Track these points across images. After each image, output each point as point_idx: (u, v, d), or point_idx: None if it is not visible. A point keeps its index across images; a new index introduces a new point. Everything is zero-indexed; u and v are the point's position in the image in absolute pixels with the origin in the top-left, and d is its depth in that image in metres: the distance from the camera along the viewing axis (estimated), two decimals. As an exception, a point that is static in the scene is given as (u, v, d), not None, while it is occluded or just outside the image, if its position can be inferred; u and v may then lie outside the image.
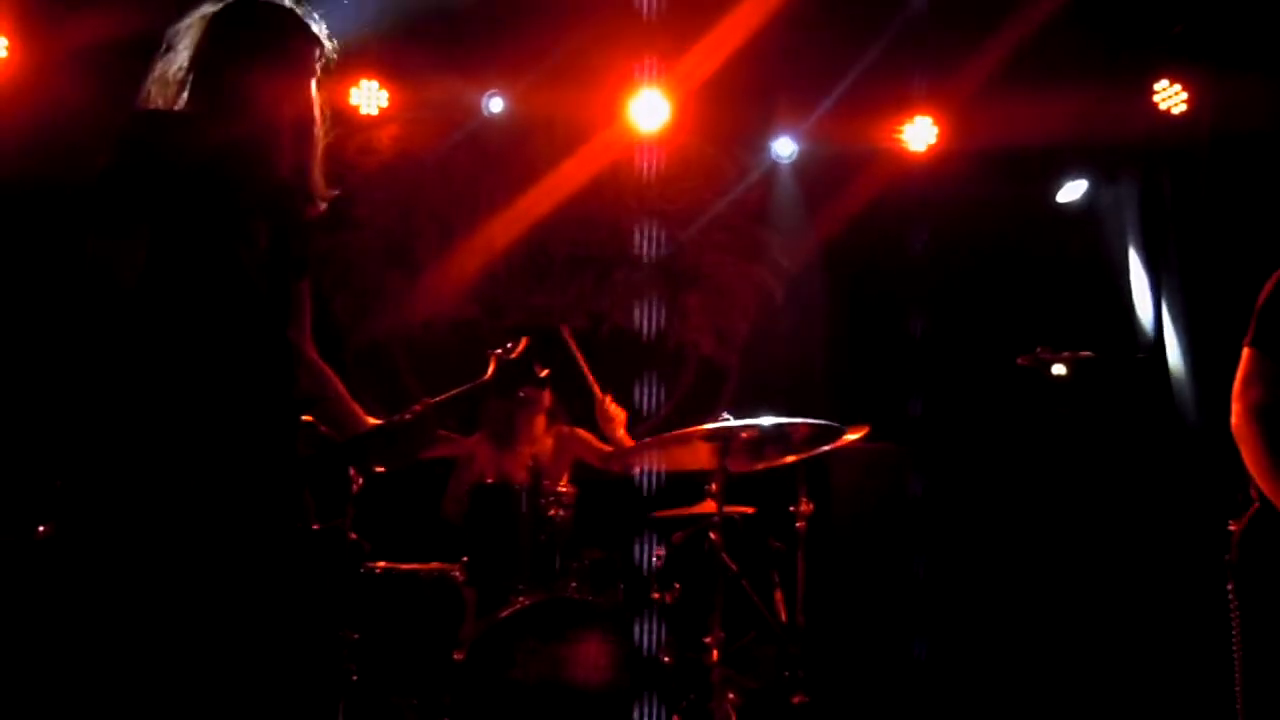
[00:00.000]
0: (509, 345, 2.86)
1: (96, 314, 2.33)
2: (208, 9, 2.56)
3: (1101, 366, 5.39)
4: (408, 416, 2.70)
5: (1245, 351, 3.20)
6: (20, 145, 5.27)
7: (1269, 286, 3.22)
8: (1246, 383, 3.16)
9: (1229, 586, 3.13)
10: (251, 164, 2.51)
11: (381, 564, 4.63)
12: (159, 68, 2.56)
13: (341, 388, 2.80)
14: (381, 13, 5.35)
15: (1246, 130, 5.46)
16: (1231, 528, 3.17)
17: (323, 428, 2.82)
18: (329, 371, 2.79)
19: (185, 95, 2.52)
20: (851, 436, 4.66)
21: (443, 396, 2.79)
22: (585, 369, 5.07)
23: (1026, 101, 6.00)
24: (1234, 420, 3.16)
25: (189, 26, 2.55)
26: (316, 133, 2.61)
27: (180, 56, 2.53)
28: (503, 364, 2.83)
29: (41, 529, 4.43)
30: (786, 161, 6.42)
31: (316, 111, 2.61)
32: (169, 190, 2.37)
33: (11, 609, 4.19)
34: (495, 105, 6.08)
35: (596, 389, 5.08)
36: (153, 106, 2.53)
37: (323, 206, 2.67)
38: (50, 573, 4.19)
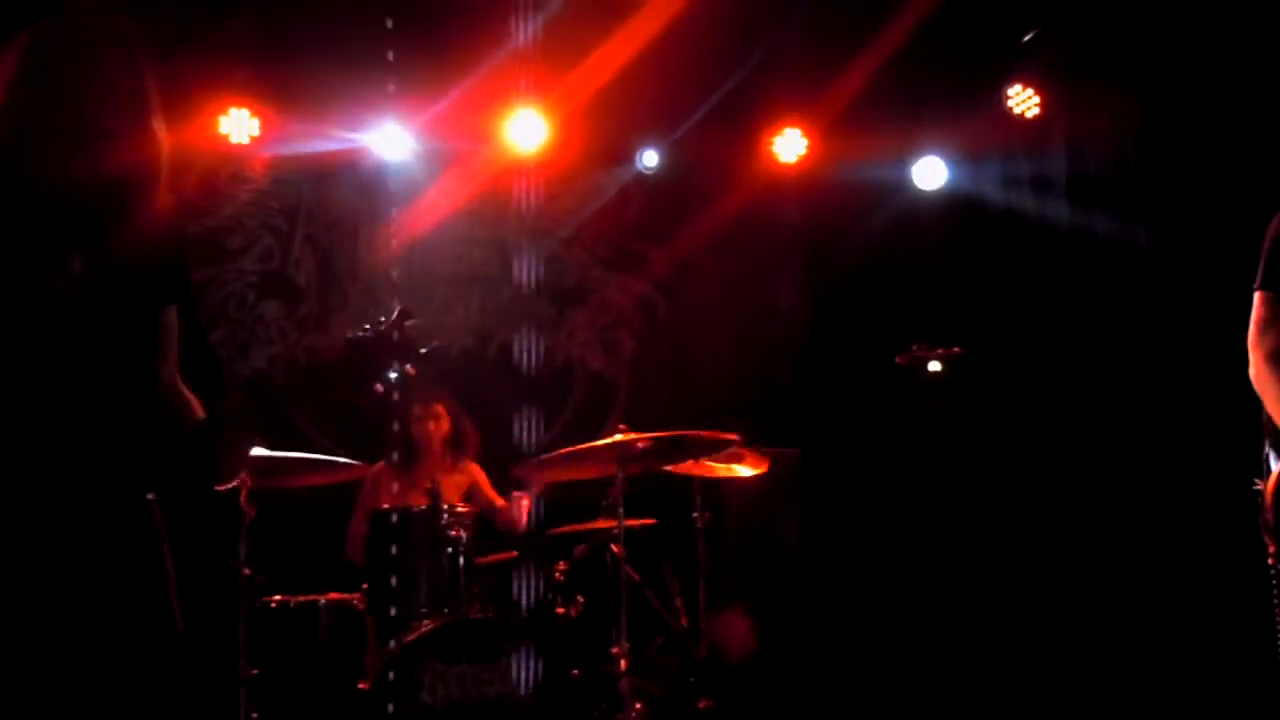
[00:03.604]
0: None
1: None
2: (33, 27, 2.37)
3: (974, 361, 5.64)
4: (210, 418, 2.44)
5: (1257, 296, 2.97)
6: None
7: (1275, 226, 2.98)
8: (1262, 328, 2.93)
9: (1270, 549, 2.89)
10: (68, 187, 2.34)
11: (278, 597, 4.55)
12: None
13: (195, 416, 2.54)
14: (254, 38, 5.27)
15: (1099, 130, 5.77)
16: (1259, 486, 2.94)
17: None
18: (189, 401, 2.54)
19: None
20: (729, 438, 4.71)
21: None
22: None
23: (892, 110, 6.24)
24: (1252, 370, 2.93)
25: (11, 44, 2.37)
26: (152, 147, 2.41)
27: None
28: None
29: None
30: (657, 174, 6.51)
31: (150, 124, 2.39)
32: None
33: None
34: (385, 134, 6.00)
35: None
36: None
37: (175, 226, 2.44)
38: None
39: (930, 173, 6.53)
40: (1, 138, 2.35)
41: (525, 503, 5.13)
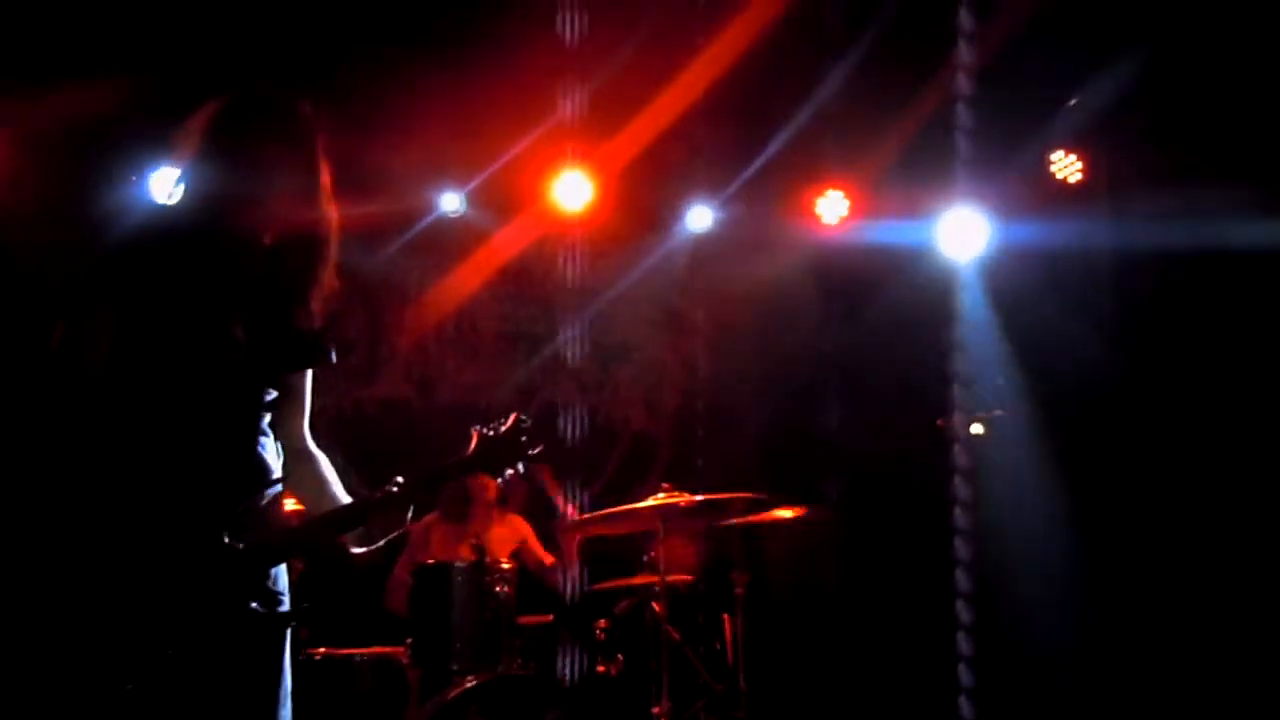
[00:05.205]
0: (498, 421, 2.63)
1: (53, 395, 2.31)
2: (212, 104, 2.49)
3: (1015, 423, 5.64)
4: (378, 495, 2.54)
5: None
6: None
7: None
8: None
9: None
10: (236, 260, 2.46)
11: (322, 650, 4.60)
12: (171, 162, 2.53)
13: (327, 475, 2.67)
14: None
15: (1142, 194, 5.79)
16: None
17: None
18: (318, 459, 2.68)
19: (181, 189, 2.50)
20: (785, 513, 4.77)
21: (420, 474, 2.58)
22: (560, 501, 5.14)
23: (933, 173, 6.29)
24: None
25: (195, 121, 2.49)
26: (322, 224, 2.52)
27: (182, 152, 2.49)
28: (488, 440, 2.60)
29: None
30: (702, 235, 6.60)
31: (321, 201, 2.51)
32: (142, 281, 2.36)
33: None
34: (436, 194, 6.14)
35: (563, 508, 5.15)
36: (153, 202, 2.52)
37: (325, 304, 2.57)
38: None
39: (970, 235, 6.55)
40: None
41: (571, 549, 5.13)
